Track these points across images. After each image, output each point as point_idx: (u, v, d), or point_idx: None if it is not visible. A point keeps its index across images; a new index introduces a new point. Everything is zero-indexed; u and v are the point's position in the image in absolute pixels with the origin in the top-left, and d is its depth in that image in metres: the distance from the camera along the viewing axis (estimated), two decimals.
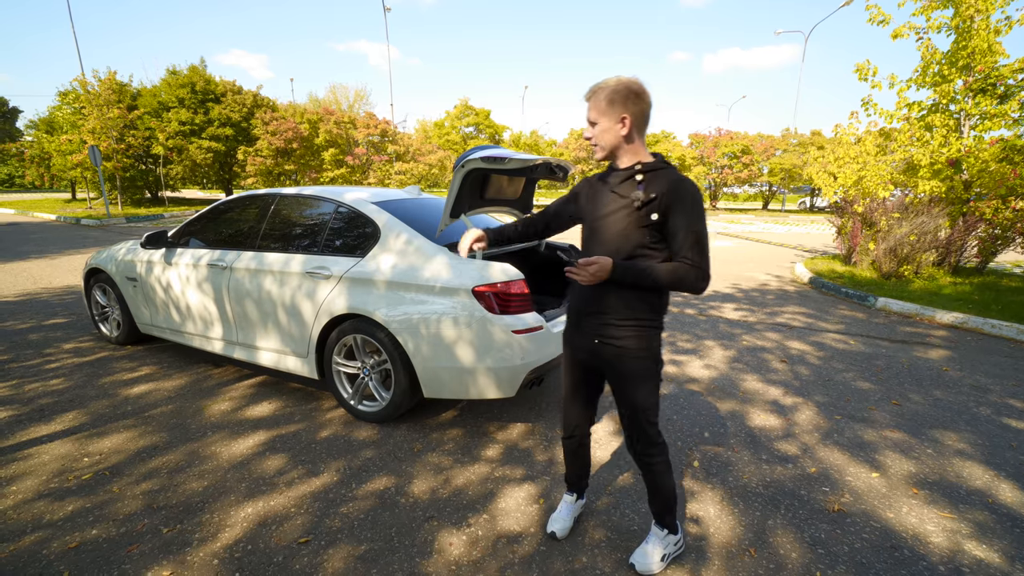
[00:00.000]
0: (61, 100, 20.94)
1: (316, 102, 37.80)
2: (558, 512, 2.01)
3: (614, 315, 1.59)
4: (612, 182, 1.61)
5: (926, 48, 7.02)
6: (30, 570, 1.76)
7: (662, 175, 1.53)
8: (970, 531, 2.02)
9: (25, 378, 3.39)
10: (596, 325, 1.63)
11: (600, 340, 1.63)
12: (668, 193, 1.49)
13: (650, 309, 1.60)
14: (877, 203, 7.30)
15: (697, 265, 1.50)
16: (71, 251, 9.22)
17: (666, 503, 1.78)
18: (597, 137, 1.59)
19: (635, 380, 1.63)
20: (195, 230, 3.62)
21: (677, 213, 1.49)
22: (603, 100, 1.54)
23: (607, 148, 1.60)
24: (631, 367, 1.62)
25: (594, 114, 1.57)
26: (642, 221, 1.52)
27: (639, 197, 1.52)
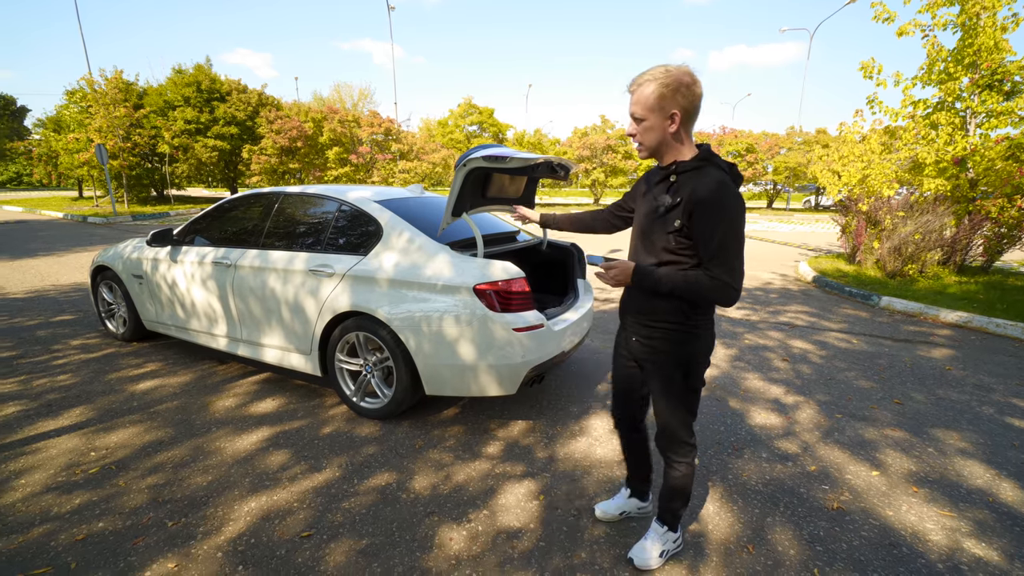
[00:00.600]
0: (68, 99, 21.09)
1: (320, 101, 37.91)
2: (612, 499, 2.06)
3: (647, 316, 1.60)
4: (652, 181, 1.56)
5: (931, 45, 6.97)
6: (38, 561, 1.79)
7: (694, 176, 1.42)
8: (970, 529, 2.03)
9: (33, 374, 3.44)
10: (633, 324, 1.66)
11: (637, 339, 1.65)
12: (692, 197, 1.39)
13: (679, 312, 1.52)
14: (882, 202, 7.27)
15: (718, 277, 1.38)
16: (78, 248, 9.30)
17: (676, 503, 1.77)
18: (641, 135, 1.46)
19: (664, 383, 1.63)
20: (200, 228, 3.66)
21: (700, 220, 1.39)
22: (651, 94, 1.39)
23: (651, 147, 1.47)
24: (661, 370, 1.62)
25: (640, 109, 1.42)
26: (667, 227, 1.45)
27: (665, 202, 1.45)
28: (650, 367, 1.65)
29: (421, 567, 1.79)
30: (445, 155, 24.14)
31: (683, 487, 1.73)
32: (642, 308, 1.60)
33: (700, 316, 1.54)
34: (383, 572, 1.77)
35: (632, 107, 1.45)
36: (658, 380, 1.64)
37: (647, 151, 1.49)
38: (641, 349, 1.65)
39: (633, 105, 1.44)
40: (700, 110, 1.44)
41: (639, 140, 1.48)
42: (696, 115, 1.44)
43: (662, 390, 1.65)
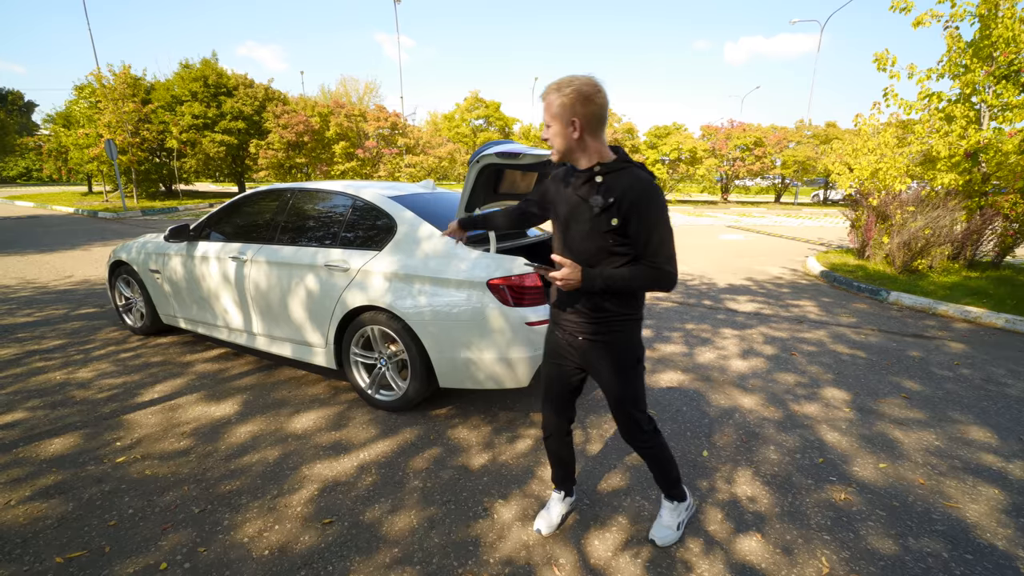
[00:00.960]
0: (77, 94, 21.28)
1: (327, 95, 37.93)
2: (546, 509, 2.03)
3: (594, 312, 1.63)
4: (574, 183, 1.60)
5: (951, 37, 6.88)
6: (74, 545, 1.87)
7: (622, 176, 1.51)
8: (976, 521, 2.06)
9: (73, 360, 3.53)
10: (578, 322, 1.67)
11: (584, 337, 1.68)
12: (626, 196, 1.48)
13: (627, 305, 1.63)
14: (892, 196, 7.23)
15: (660, 267, 1.51)
16: (90, 244, 9.43)
17: (669, 477, 1.86)
18: (551, 140, 1.57)
19: (618, 373, 1.69)
20: (216, 223, 3.72)
21: (636, 217, 1.48)
22: (553, 104, 1.51)
23: (560, 151, 1.57)
24: (613, 361, 1.67)
25: (546, 117, 1.55)
26: (603, 226, 1.52)
27: (598, 203, 1.51)
28: (603, 362, 1.68)
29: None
30: (451, 149, 24.14)
31: (664, 463, 1.84)
32: (591, 305, 1.63)
33: (641, 301, 1.68)
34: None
35: (543, 113, 1.57)
36: (613, 372, 1.68)
37: (557, 154, 1.58)
38: (591, 346, 1.68)
39: (543, 112, 1.56)
40: (605, 118, 1.54)
41: (550, 144, 1.58)
42: (600, 122, 1.53)
43: (618, 381, 1.69)
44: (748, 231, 13.65)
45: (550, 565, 1.82)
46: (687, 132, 29.57)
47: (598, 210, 1.51)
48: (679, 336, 4.39)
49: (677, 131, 29.46)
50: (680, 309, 5.30)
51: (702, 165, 27.38)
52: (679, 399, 3.15)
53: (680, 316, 5.03)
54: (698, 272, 7.44)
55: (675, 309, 5.30)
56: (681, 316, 5.03)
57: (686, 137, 28.15)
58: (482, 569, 1.79)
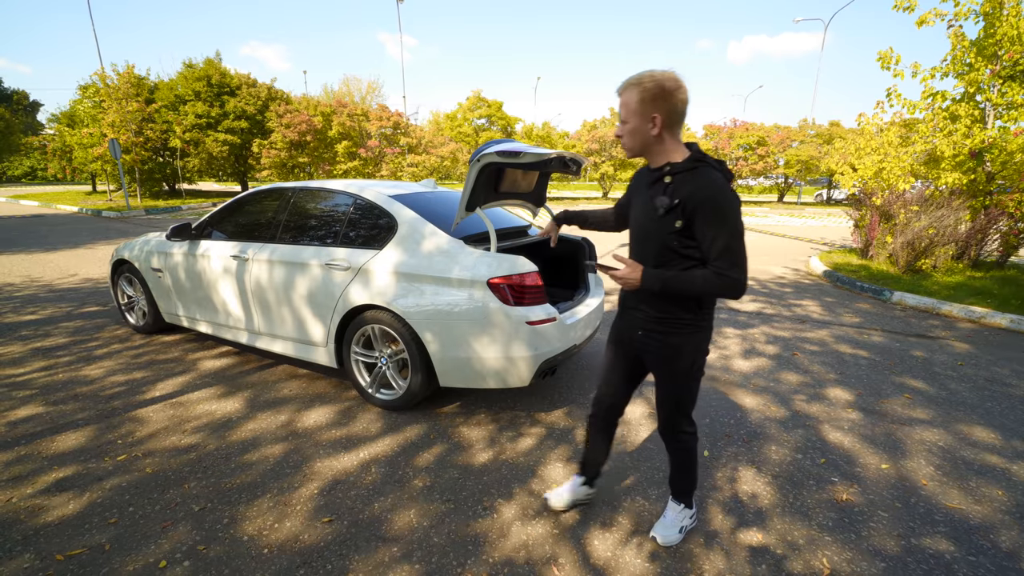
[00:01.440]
0: (82, 94, 21.35)
1: (329, 94, 37.99)
2: (563, 487, 2.08)
3: (654, 311, 1.63)
4: (645, 181, 1.60)
5: (955, 35, 6.84)
6: (74, 543, 1.88)
7: (690, 177, 1.46)
8: (980, 522, 2.05)
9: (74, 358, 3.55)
10: (638, 318, 1.69)
11: (643, 332, 1.69)
12: (693, 198, 1.43)
13: (689, 310, 1.59)
14: (896, 195, 7.19)
15: (723, 273, 1.43)
16: (94, 242, 9.47)
17: (687, 482, 1.89)
18: (626, 136, 1.53)
19: (670, 375, 1.70)
20: (218, 222, 3.73)
21: (701, 220, 1.43)
22: (633, 98, 1.47)
23: (635, 149, 1.55)
24: (666, 363, 1.68)
25: (624, 112, 1.52)
26: (667, 227, 1.49)
27: (663, 204, 1.48)
28: (657, 360, 1.69)
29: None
30: (453, 148, 24.14)
31: (691, 466, 1.85)
32: (653, 303, 1.63)
33: (706, 310, 1.63)
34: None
35: (620, 109, 1.54)
36: (666, 371, 1.70)
37: (630, 151, 1.56)
38: (649, 342, 1.68)
39: (620, 108, 1.53)
40: (685, 114, 1.50)
41: (623, 141, 1.56)
42: (680, 119, 1.50)
43: (670, 380, 1.71)
44: (751, 231, 13.60)
45: (550, 564, 1.81)
46: (690, 131, 29.50)
47: (662, 211, 1.48)
48: None
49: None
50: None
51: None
52: None
53: None
54: None
55: None
56: None
57: (689, 137, 28.08)
58: (482, 568, 1.79)
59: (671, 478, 1.92)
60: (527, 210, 3.19)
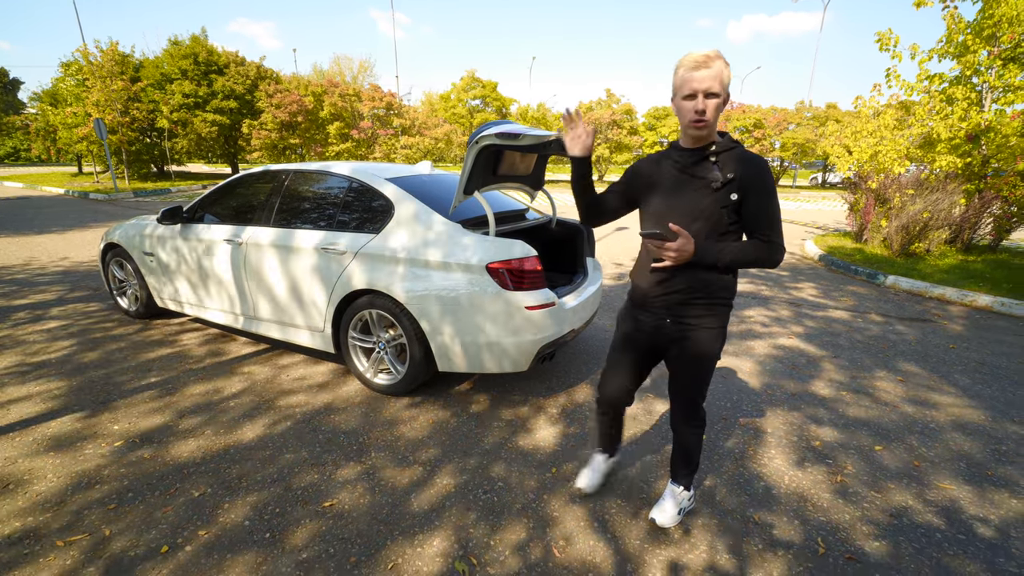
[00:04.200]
0: (64, 71, 20.74)
1: (320, 74, 37.16)
2: (589, 469, 2.11)
3: (692, 294, 1.61)
4: (683, 162, 1.57)
5: (951, 16, 6.78)
6: (74, 529, 1.88)
7: (735, 154, 1.52)
8: (969, 502, 2.09)
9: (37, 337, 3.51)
10: (671, 303, 1.65)
11: (673, 319, 1.67)
12: (746, 172, 1.49)
13: (725, 288, 1.62)
14: (891, 179, 7.19)
15: (773, 241, 1.53)
16: (83, 225, 9.30)
17: (691, 465, 1.91)
18: (712, 112, 1.44)
19: (701, 359, 1.69)
20: (210, 205, 3.66)
21: (754, 192, 1.50)
22: (726, 72, 1.42)
23: (713, 125, 1.48)
24: (702, 346, 1.67)
25: (717, 84, 1.42)
26: (722, 202, 1.51)
27: (718, 178, 1.50)
28: (688, 347, 1.67)
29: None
30: (448, 130, 23.81)
31: (696, 452, 1.88)
32: (685, 287, 1.61)
33: (735, 289, 1.66)
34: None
35: (709, 82, 1.41)
36: (697, 357, 1.69)
37: (708, 128, 1.48)
38: (678, 329, 1.67)
39: (711, 80, 1.41)
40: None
41: (708, 116, 1.45)
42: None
43: (697, 367, 1.71)
44: None
45: (551, 547, 1.84)
46: None
47: (718, 185, 1.50)
48: None
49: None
50: None
51: None
52: None
53: None
54: None
55: None
56: None
57: None
58: (484, 552, 1.81)
59: (675, 463, 1.93)
60: (525, 193, 3.15)
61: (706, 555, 1.80)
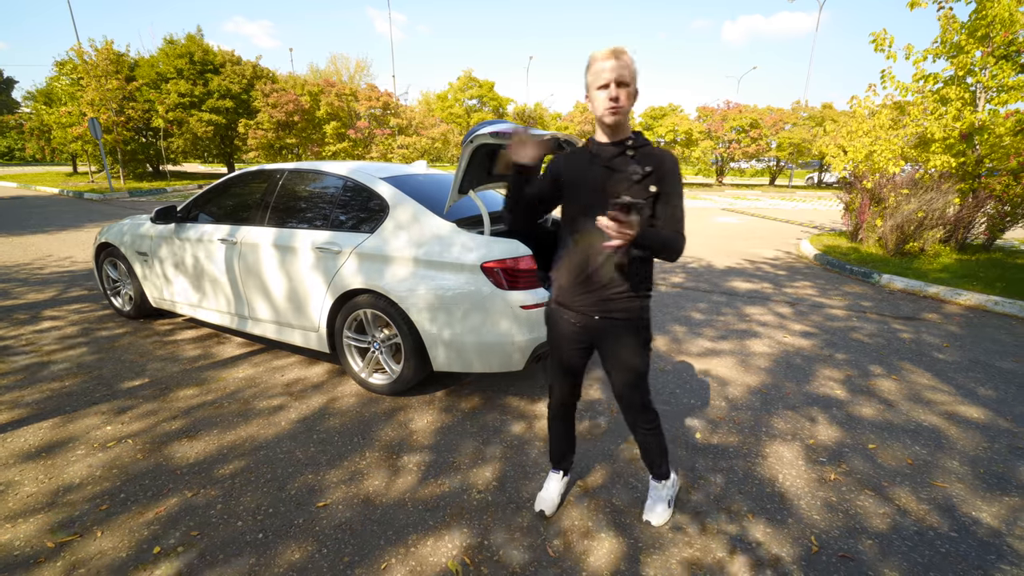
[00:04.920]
0: (58, 70, 20.60)
1: (316, 73, 37.06)
2: (545, 490, 2.04)
3: (616, 288, 1.63)
4: (603, 156, 1.60)
5: (945, 17, 6.81)
6: (67, 529, 1.86)
7: (649, 150, 1.60)
8: (963, 499, 2.10)
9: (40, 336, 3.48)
10: (596, 300, 1.66)
11: (601, 315, 1.67)
12: (662, 166, 1.57)
13: (645, 280, 1.68)
14: (886, 179, 7.22)
15: (681, 233, 1.61)
16: (78, 225, 9.25)
17: (660, 458, 1.91)
18: (626, 100, 1.51)
19: (635, 352, 1.71)
20: (204, 205, 3.64)
21: (669, 185, 1.58)
22: (633, 64, 1.50)
23: (625, 114, 1.54)
24: (633, 339, 1.69)
25: (628, 74, 1.49)
26: (643, 194, 1.56)
27: (637, 171, 1.55)
28: (620, 341, 1.69)
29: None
30: (444, 130, 23.81)
31: (660, 445, 1.89)
32: (609, 281, 1.62)
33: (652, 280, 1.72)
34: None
35: (619, 71, 1.48)
36: (628, 350, 1.70)
37: (621, 117, 1.54)
38: (608, 325, 1.67)
39: (621, 69, 1.49)
40: None
41: (621, 105, 1.51)
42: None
43: (635, 356, 1.72)
44: (743, 214, 13.64)
45: (544, 547, 1.83)
46: (683, 113, 29.32)
47: (638, 177, 1.55)
48: (674, 319, 4.40)
49: (673, 112, 29.18)
50: (676, 292, 5.31)
51: (697, 147, 27.19)
52: (672, 381, 3.17)
53: (676, 299, 5.03)
54: (694, 255, 7.44)
55: (671, 292, 5.30)
56: (677, 299, 5.03)
57: (682, 119, 27.90)
58: (477, 554, 1.80)
59: (649, 461, 1.93)
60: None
61: (699, 554, 1.80)
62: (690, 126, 27.02)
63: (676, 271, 6.29)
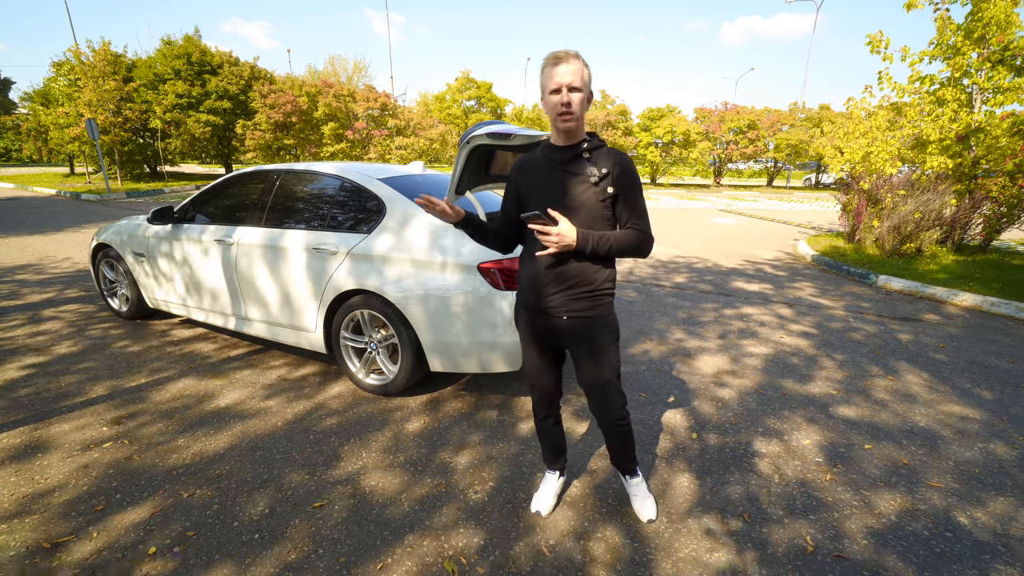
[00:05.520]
0: (56, 71, 20.55)
1: (314, 74, 37.04)
2: (542, 491, 2.04)
3: (581, 288, 1.64)
4: (558, 160, 1.60)
5: (941, 19, 6.84)
6: (61, 528, 1.86)
7: (605, 151, 1.60)
8: (958, 499, 2.11)
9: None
10: (563, 301, 1.65)
11: (569, 316, 1.66)
12: (619, 165, 1.57)
13: (609, 279, 1.68)
14: (883, 180, 7.25)
15: (645, 231, 1.62)
16: (75, 226, 9.23)
17: (632, 453, 1.93)
18: (579, 106, 1.51)
19: (605, 349, 1.71)
20: (201, 205, 3.64)
21: (626, 185, 1.59)
22: (585, 69, 1.50)
23: (580, 120, 1.54)
24: (602, 338, 1.70)
25: (579, 80, 1.48)
26: (600, 195, 1.57)
27: (595, 173, 1.56)
28: (588, 339, 1.69)
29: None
30: (442, 131, 23.81)
31: (632, 439, 1.90)
32: (573, 282, 1.63)
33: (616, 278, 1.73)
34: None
35: (571, 76, 1.48)
36: (598, 349, 1.70)
37: (576, 123, 1.53)
38: (576, 325, 1.67)
39: (572, 75, 1.48)
40: None
41: (575, 111, 1.51)
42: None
43: (602, 357, 1.71)
44: (741, 215, 13.67)
45: (541, 547, 1.83)
46: (681, 115, 29.35)
47: (596, 179, 1.56)
48: (670, 319, 4.41)
49: (671, 113, 29.22)
50: (674, 292, 5.31)
51: (695, 148, 27.25)
52: (669, 382, 3.17)
53: (674, 299, 5.04)
54: (692, 255, 7.45)
55: (669, 292, 5.31)
56: (675, 299, 5.04)
57: (680, 120, 27.93)
58: (474, 552, 1.80)
59: (621, 459, 1.93)
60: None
61: (695, 554, 1.81)
62: (688, 127, 27.07)
63: (677, 271, 6.31)
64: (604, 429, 1.87)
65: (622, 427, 1.84)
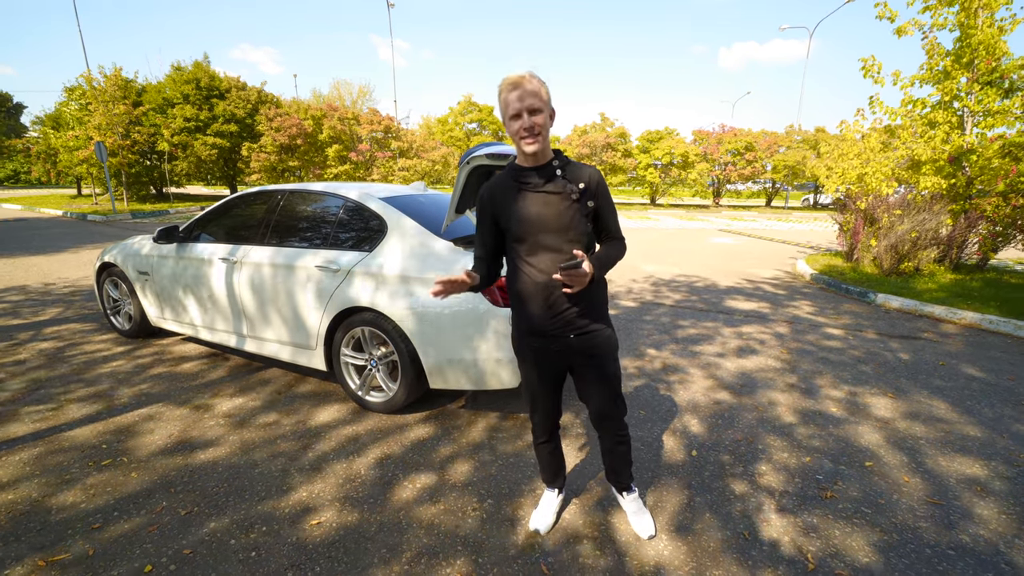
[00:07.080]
0: (67, 96, 21.08)
1: (320, 98, 37.84)
2: (541, 509, 2.04)
3: (585, 305, 1.66)
4: (534, 182, 1.57)
5: (930, 45, 7.03)
6: (58, 547, 1.85)
7: (575, 165, 1.62)
8: (960, 516, 2.09)
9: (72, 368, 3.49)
10: (569, 321, 1.65)
11: (576, 334, 1.68)
12: (593, 180, 1.61)
13: (604, 291, 1.75)
14: (879, 200, 7.33)
15: (623, 239, 1.71)
16: (80, 246, 9.33)
17: (629, 468, 1.97)
18: (542, 127, 1.50)
19: (607, 362, 1.75)
20: (205, 225, 3.70)
21: (603, 197, 1.64)
22: (544, 88, 1.50)
23: (546, 139, 1.52)
24: (604, 350, 1.73)
25: (538, 101, 1.47)
26: (583, 210, 1.59)
27: (574, 190, 1.57)
28: (595, 356, 1.72)
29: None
30: (445, 153, 24.18)
31: (630, 452, 1.95)
32: (581, 299, 1.63)
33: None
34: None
35: (529, 99, 1.46)
36: (600, 361, 1.74)
37: (542, 143, 1.52)
38: (583, 342, 1.69)
39: (531, 98, 1.46)
40: None
41: (540, 131, 1.50)
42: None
43: (605, 369, 1.75)
44: (740, 235, 13.77)
45: (539, 564, 1.82)
46: (679, 137, 29.79)
47: (577, 195, 1.57)
48: (671, 338, 4.42)
49: (669, 136, 29.67)
50: (674, 311, 5.33)
51: (694, 169, 27.58)
52: (668, 399, 3.17)
53: (673, 318, 5.06)
54: (692, 274, 7.49)
55: (668, 311, 5.33)
56: (674, 318, 5.06)
57: (678, 142, 28.35)
58: (472, 573, 1.79)
59: (618, 474, 1.96)
60: None
61: (696, 571, 1.79)
62: (686, 149, 27.46)
63: (677, 289, 6.34)
64: (604, 443, 1.88)
65: (622, 439, 1.86)
